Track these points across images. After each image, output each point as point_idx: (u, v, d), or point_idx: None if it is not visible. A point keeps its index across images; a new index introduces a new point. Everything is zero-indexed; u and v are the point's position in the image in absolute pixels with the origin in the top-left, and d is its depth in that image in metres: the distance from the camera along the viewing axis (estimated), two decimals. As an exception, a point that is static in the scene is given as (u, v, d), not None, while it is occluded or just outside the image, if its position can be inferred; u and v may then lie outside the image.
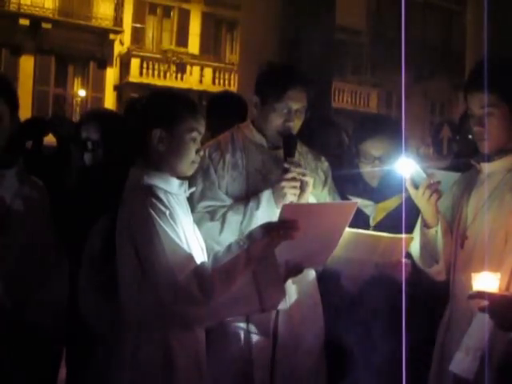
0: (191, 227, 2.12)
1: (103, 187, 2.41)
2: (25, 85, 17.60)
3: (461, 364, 2.01)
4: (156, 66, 19.61)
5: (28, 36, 18.08)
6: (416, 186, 2.16)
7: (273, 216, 2.21)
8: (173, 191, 2.05)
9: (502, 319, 1.92)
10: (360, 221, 2.39)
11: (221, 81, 20.13)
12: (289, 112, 2.45)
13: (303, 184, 2.32)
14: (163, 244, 1.89)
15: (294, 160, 2.39)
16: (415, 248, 2.31)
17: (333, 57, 5.43)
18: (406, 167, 2.17)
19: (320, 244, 2.13)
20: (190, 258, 1.93)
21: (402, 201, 2.40)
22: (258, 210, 2.34)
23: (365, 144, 2.64)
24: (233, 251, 1.96)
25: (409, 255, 2.34)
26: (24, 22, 17.99)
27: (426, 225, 2.22)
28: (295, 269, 2.17)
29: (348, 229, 2.20)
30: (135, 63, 19.39)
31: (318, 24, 4.94)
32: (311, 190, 2.38)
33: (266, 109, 2.47)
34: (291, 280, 2.26)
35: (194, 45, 20.65)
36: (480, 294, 1.91)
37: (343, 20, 11.96)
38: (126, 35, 19.79)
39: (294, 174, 2.30)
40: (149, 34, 20.58)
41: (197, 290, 1.86)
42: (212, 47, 21.05)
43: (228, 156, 2.49)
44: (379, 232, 2.36)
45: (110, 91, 19.43)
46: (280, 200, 2.30)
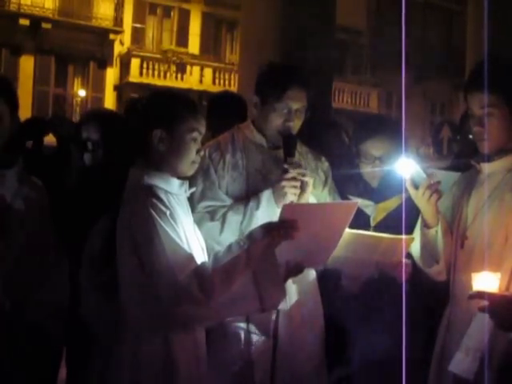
0: (192, 227, 2.12)
1: (103, 187, 2.41)
2: (25, 85, 17.60)
3: (461, 364, 2.01)
4: (156, 66, 19.60)
5: (28, 36, 18.08)
6: (416, 186, 2.16)
7: (273, 216, 2.21)
8: (173, 191, 2.05)
9: (502, 319, 1.92)
10: (360, 221, 2.39)
11: (221, 81, 20.12)
12: (289, 112, 2.45)
13: (303, 184, 2.32)
14: (164, 244, 1.89)
15: (294, 160, 2.39)
16: (415, 248, 2.31)
17: (333, 57, 5.42)
18: (406, 167, 2.17)
19: (320, 244, 2.13)
20: (191, 258, 1.93)
21: (402, 201, 2.40)
22: (258, 210, 2.34)
23: (365, 144, 2.64)
24: (233, 251, 1.97)
25: (409, 255, 2.34)
26: (24, 22, 17.99)
27: (426, 225, 2.22)
28: (295, 269, 2.16)
29: (349, 230, 2.20)
30: (135, 63, 19.38)
31: (319, 24, 4.94)
32: (311, 190, 2.38)
33: (266, 109, 2.47)
34: (291, 280, 2.26)
35: (194, 45, 20.64)
36: (480, 294, 1.91)
37: (343, 20, 11.94)
38: (126, 35, 19.79)
39: (294, 174, 2.30)
40: (149, 34, 20.57)
41: (197, 290, 1.86)
42: (212, 47, 21.05)
43: (228, 156, 2.49)
44: (380, 232, 2.36)
45: (110, 91, 19.43)
46: (280, 200, 2.30)
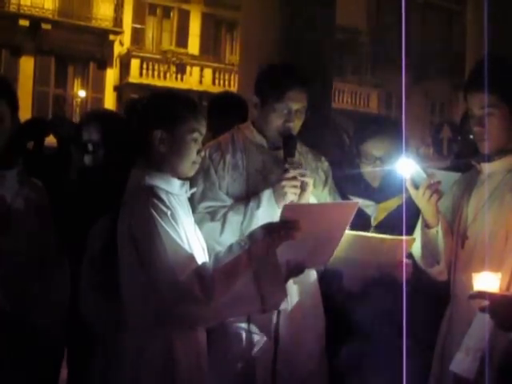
0: (192, 227, 2.13)
1: (103, 188, 2.41)
2: (25, 85, 17.60)
3: (461, 364, 2.01)
4: (156, 67, 19.61)
5: (28, 37, 18.08)
6: (416, 187, 2.16)
7: (273, 216, 2.21)
8: (174, 192, 2.05)
9: (503, 319, 1.92)
10: (361, 221, 2.40)
11: (221, 81, 20.12)
12: (289, 112, 2.45)
13: (304, 184, 2.32)
14: (164, 244, 1.89)
15: (295, 160, 2.39)
16: (416, 248, 2.31)
17: (333, 57, 5.41)
18: (407, 167, 2.17)
19: (321, 244, 2.13)
20: (192, 259, 1.93)
21: (403, 201, 2.40)
22: (259, 210, 2.34)
23: (366, 144, 2.65)
24: (234, 251, 1.97)
25: (410, 255, 2.34)
26: (24, 23, 18.00)
27: (427, 225, 2.23)
28: (296, 269, 2.17)
29: (350, 231, 2.20)
30: (135, 64, 19.38)
31: (318, 24, 4.93)
32: (312, 190, 2.38)
33: (266, 109, 2.47)
34: (292, 280, 2.27)
35: (194, 45, 20.65)
36: (481, 294, 1.91)
37: (343, 20, 11.95)
38: (126, 36, 19.80)
39: (295, 174, 2.30)
40: (149, 35, 20.58)
41: (198, 290, 1.86)
42: (212, 48, 21.05)
43: (228, 157, 2.50)
44: (381, 232, 2.36)
45: (110, 92, 19.43)
46: (280, 199, 2.30)
